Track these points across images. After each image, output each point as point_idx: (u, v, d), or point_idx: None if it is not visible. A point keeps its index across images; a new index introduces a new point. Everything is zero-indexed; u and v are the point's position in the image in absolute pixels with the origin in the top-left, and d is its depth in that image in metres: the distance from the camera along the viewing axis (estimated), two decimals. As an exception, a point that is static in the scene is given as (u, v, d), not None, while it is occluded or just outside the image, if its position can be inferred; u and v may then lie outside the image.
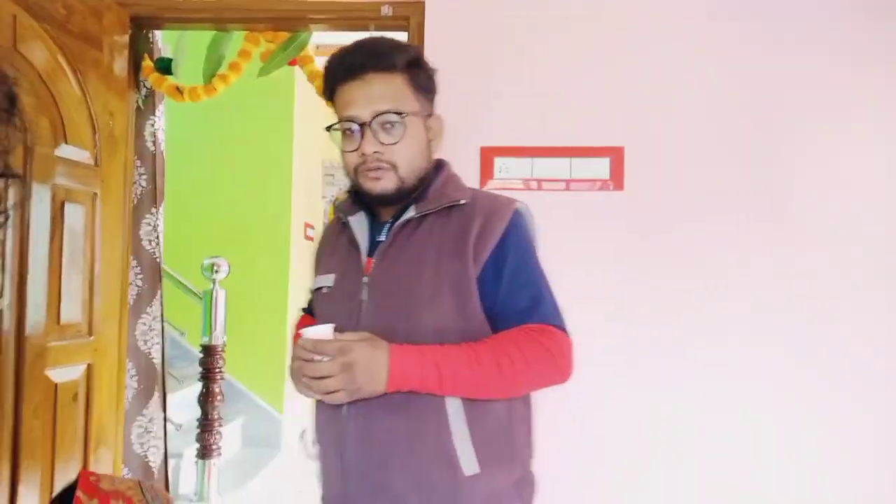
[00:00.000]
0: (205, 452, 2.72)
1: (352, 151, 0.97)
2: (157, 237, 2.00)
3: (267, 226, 3.72)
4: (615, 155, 1.81)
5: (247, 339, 3.54)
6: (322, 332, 0.90)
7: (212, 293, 2.75)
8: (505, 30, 1.76)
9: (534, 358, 0.90)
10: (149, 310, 1.97)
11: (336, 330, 0.93)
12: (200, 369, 2.76)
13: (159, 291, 2.00)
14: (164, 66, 1.91)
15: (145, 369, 1.93)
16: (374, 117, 0.94)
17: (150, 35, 1.93)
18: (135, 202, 1.93)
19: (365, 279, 0.98)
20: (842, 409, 1.66)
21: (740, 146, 1.73)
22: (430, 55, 1.69)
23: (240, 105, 3.26)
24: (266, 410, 3.71)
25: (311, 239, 4.24)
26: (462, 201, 0.98)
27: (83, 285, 1.64)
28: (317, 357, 0.87)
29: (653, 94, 1.76)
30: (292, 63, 1.98)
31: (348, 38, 1.92)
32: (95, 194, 1.69)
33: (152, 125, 1.99)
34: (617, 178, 1.81)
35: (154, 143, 1.99)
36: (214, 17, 1.84)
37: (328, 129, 1.02)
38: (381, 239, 1.00)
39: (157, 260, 2.00)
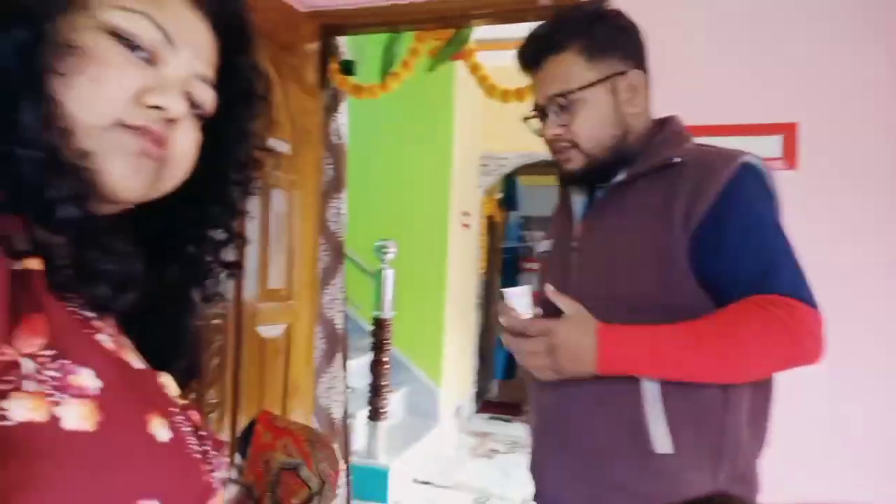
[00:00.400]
0: (374, 414, 3.03)
1: (542, 135, 1.00)
2: (340, 219, 2.28)
3: (429, 213, 3.98)
4: (788, 132, 1.71)
5: (410, 316, 3.83)
6: (520, 292, 0.95)
7: (381, 272, 3.04)
8: (667, 6, 1.74)
9: (768, 337, 0.78)
10: (333, 282, 2.25)
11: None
12: (372, 340, 3.08)
13: (342, 266, 2.27)
14: (347, 68, 2.17)
15: (330, 333, 2.22)
16: (547, 102, 0.95)
17: (335, 40, 2.20)
18: (323, 188, 2.22)
19: (574, 244, 0.98)
20: None
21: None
22: None
23: (407, 100, 3.51)
24: (426, 383, 3.99)
25: (467, 227, 4.45)
26: (676, 159, 0.89)
27: (284, 258, 1.94)
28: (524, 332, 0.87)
29: (830, 66, 1.63)
30: (456, 57, 2.13)
31: (508, 30, 2.06)
32: (294, 181, 1.98)
33: (336, 120, 2.26)
34: (790, 157, 1.71)
35: (339, 136, 2.26)
36: (389, 21, 2.04)
37: (525, 119, 1.04)
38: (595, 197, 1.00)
39: (340, 239, 2.27)
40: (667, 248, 0.85)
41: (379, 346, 3.04)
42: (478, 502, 3.07)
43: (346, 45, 2.26)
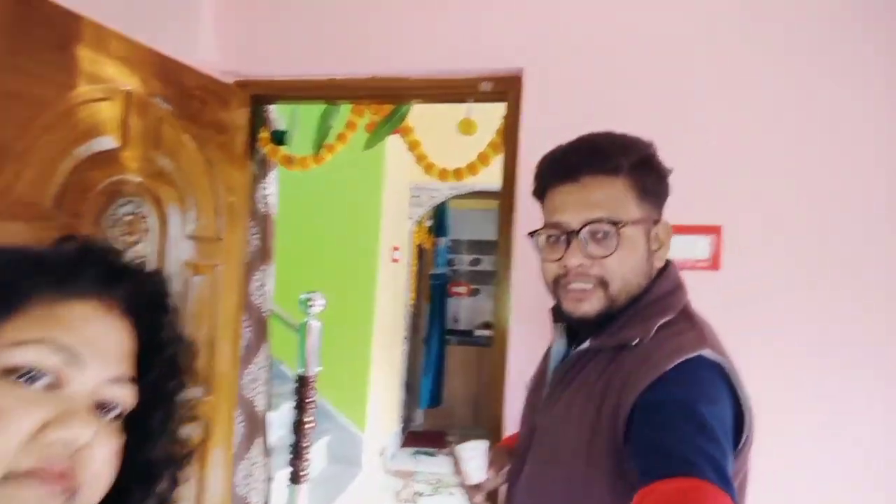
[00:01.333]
0: (295, 478, 2.91)
1: (554, 261, 0.87)
2: (265, 292, 2.15)
3: (359, 255, 3.87)
4: (714, 234, 1.75)
5: (336, 365, 3.71)
6: (473, 452, 0.94)
7: (306, 326, 2.92)
8: (604, 103, 1.74)
9: None
10: (255, 360, 2.12)
11: (512, 453, 0.96)
12: (294, 399, 2.94)
13: (265, 343, 2.14)
14: (279, 138, 2.04)
15: (250, 416, 2.09)
16: (583, 225, 0.83)
17: (266, 109, 2.06)
18: (247, 260, 2.08)
19: (542, 401, 0.94)
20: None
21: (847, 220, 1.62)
22: (526, 130, 1.74)
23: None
24: (350, 429, 3.89)
25: (396, 261, 4.37)
26: (634, 342, 0.81)
27: (204, 350, 1.80)
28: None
29: (754, 170, 1.66)
30: (394, 132, 2.06)
31: (450, 108, 2.00)
32: (217, 266, 1.84)
33: (265, 188, 2.12)
34: (715, 257, 1.76)
35: (266, 205, 2.13)
36: (325, 94, 1.94)
37: (531, 234, 0.93)
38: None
39: (264, 314, 2.14)
40: (602, 442, 0.79)
41: (302, 405, 2.91)
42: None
43: (278, 113, 2.13)
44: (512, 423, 1.62)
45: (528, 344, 1.61)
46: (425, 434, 5.41)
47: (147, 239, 1.56)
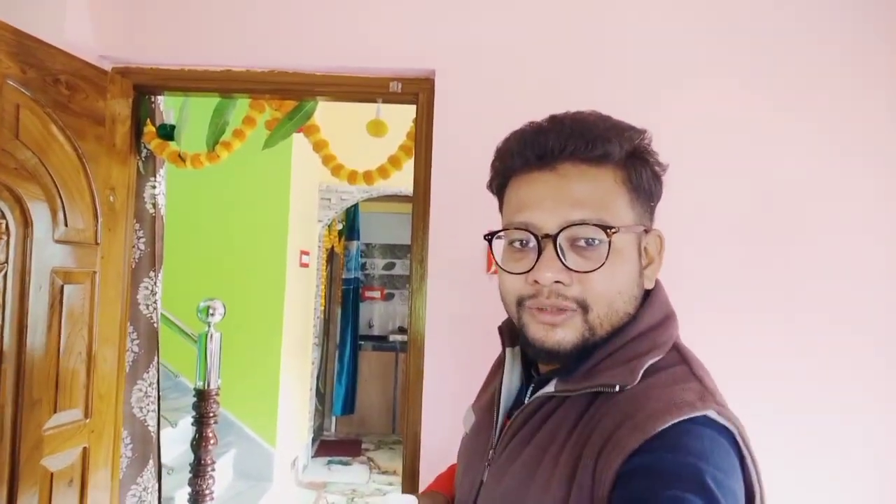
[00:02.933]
0: (198, 499, 2.67)
1: (518, 274, 0.66)
2: (155, 302, 1.94)
3: (264, 260, 3.67)
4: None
5: (240, 372, 3.49)
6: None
7: (206, 336, 2.70)
8: (517, 108, 1.70)
9: None
10: (145, 376, 1.91)
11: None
12: (193, 415, 2.71)
13: (156, 358, 1.94)
14: (167, 133, 1.85)
15: (140, 437, 1.88)
16: (563, 229, 0.63)
17: (152, 98, 1.87)
18: (133, 265, 1.87)
19: (490, 455, 0.72)
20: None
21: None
22: (439, 133, 1.68)
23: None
24: (258, 443, 3.67)
25: (306, 266, 4.19)
26: (611, 389, 0.62)
27: (82, 367, 1.59)
28: None
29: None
30: (298, 131, 1.93)
31: (361, 108, 1.90)
32: (95, 271, 1.63)
33: (153, 188, 1.92)
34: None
35: (154, 206, 1.93)
36: (219, 87, 1.77)
37: (489, 237, 0.70)
38: (526, 399, 0.71)
39: (154, 325, 1.94)
40: None
41: (203, 420, 2.68)
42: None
43: (167, 106, 1.94)
44: (430, 434, 1.54)
45: (446, 352, 1.56)
46: (339, 443, 5.23)
47: (3, 242, 1.34)
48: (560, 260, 0.62)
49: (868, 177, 1.56)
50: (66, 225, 1.51)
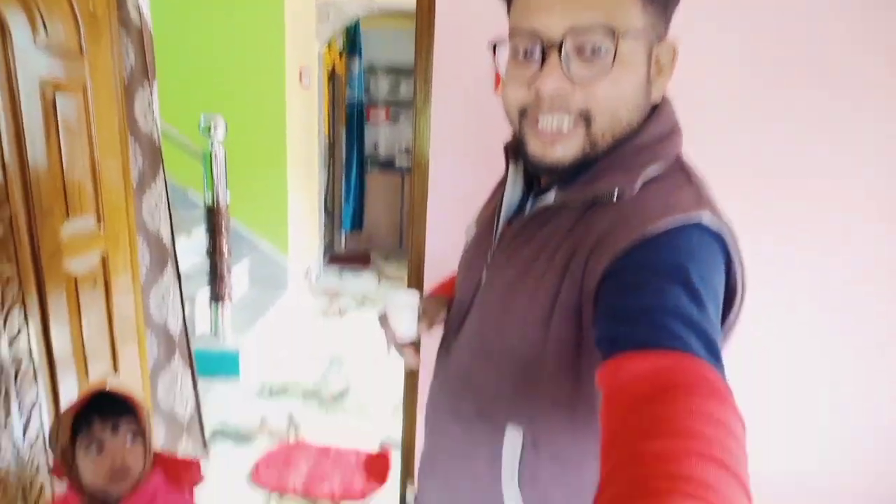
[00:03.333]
0: (217, 297, 2.93)
1: (521, 84, 0.65)
2: (153, 115, 1.95)
3: (262, 75, 3.57)
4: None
5: (250, 189, 3.60)
6: (404, 303, 0.81)
7: (211, 154, 2.74)
8: None
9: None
10: (153, 186, 1.99)
11: (451, 307, 0.84)
12: (206, 227, 2.86)
13: (161, 167, 2.00)
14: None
15: (155, 244, 2.02)
16: (568, 34, 0.59)
17: None
18: (126, 80, 1.85)
19: (489, 258, 0.77)
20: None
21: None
22: None
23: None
24: (270, 253, 3.91)
25: (307, 88, 4.08)
26: (613, 197, 0.63)
27: (87, 178, 1.65)
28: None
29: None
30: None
31: None
32: (85, 82, 1.62)
33: (133, -6, 1.82)
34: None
35: (139, 16, 1.84)
36: None
37: (493, 46, 0.68)
38: (527, 210, 0.74)
39: (155, 139, 1.97)
40: (550, 318, 0.65)
41: (215, 233, 2.85)
42: (331, 366, 3.25)
43: None
44: (434, 249, 1.59)
45: (451, 174, 1.54)
46: (349, 255, 5.55)
47: (-15, 49, 1.32)
48: (564, 69, 0.60)
49: None
50: (46, 33, 1.46)
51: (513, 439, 0.71)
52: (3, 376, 1.38)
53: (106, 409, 1.04)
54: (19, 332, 1.43)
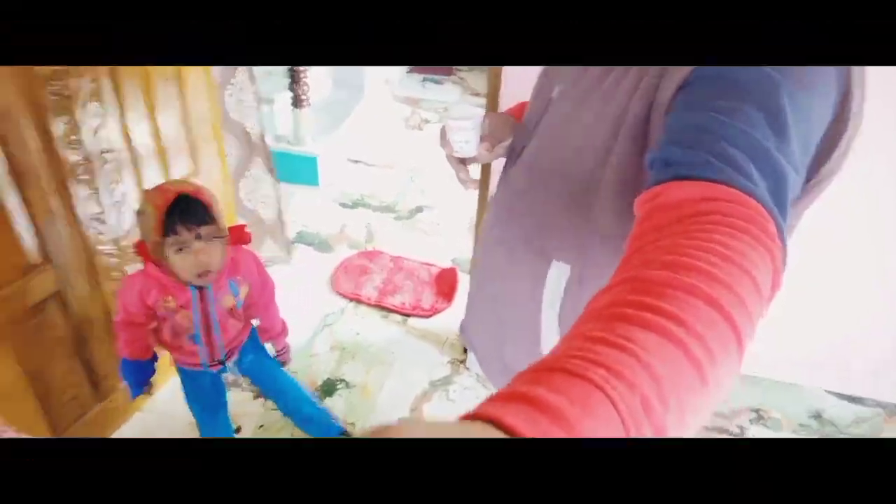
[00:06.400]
0: (297, 102, 2.77)
1: None
2: None
3: None
4: None
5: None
6: (465, 122, 0.75)
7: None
8: None
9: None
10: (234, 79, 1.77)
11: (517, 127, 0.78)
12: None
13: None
14: None
15: (242, 139, 1.90)
16: None
17: None
18: None
19: (561, 73, 0.71)
20: None
21: None
22: None
23: None
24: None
25: None
26: None
27: None
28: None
29: None
30: None
31: None
32: None
33: None
34: None
35: None
36: None
37: None
38: None
39: None
40: (614, 142, 0.59)
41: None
42: (410, 178, 3.15)
43: None
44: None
45: None
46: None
47: None
48: None
49: None
50: None
51: (558, 274, 0.70)
52: (93, 166, 1.35)
53: (188, 216, 1.06)
54: (101, 124, 1.35)
